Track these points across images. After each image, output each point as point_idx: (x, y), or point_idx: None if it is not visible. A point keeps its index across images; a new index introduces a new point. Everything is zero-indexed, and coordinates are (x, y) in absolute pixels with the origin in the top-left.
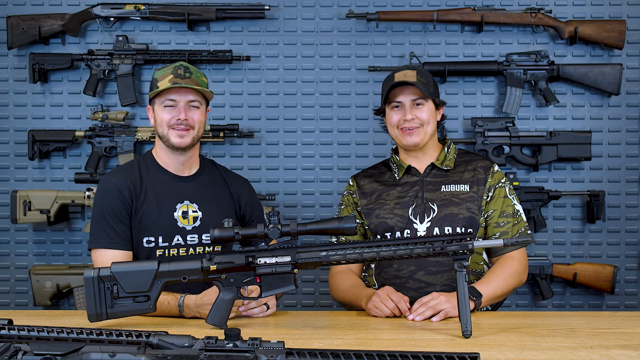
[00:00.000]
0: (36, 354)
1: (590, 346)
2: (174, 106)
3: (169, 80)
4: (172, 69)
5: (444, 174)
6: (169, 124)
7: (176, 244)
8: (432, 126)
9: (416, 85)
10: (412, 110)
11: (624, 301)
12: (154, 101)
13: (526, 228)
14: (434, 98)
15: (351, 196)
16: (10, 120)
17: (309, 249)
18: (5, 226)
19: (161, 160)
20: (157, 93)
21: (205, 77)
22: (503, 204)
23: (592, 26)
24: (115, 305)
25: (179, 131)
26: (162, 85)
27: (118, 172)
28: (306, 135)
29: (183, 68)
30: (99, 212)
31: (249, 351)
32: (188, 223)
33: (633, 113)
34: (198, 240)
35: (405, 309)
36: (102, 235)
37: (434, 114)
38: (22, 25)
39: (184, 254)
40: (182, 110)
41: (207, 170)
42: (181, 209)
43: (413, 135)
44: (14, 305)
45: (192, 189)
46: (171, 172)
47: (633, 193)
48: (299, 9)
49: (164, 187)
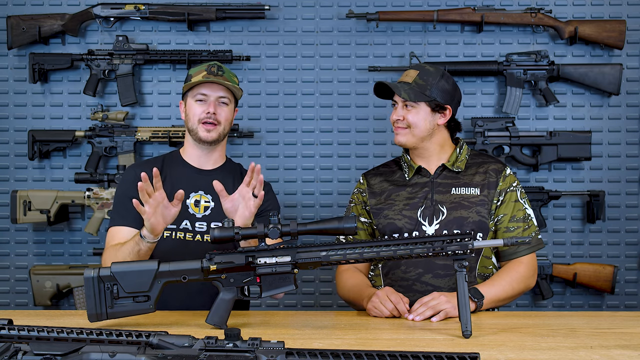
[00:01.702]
0: (36, 354)
1: (590, 346)
2: (205, 100)
3: (202, 76)
4: (207, 67)
5: (454, 176)
6: (199, 118)
7: (183, 228)
8: (422, 128)
9: (397, 89)
10: (401, 111)
11: (624, 301)
12: (186, 95)
13: (537, 233)
14: (427, 100)
15: (361, 194)
16: (10, 120)
17: (309, 249)
18: (5, 226)
19: (187, 155)
20: (190, 87)
21: (236, 77)
22: (514, 209)
23: (592, 26)
24: (115, 305)
25: (207, 125)
26: (194, 80)
27: (141, 163)
28: (306, 135)
29: (217, 66)
30: (116, 197)
31: (249, 351)
32: (199, 211)
33: (633, 113)
34: (206, 228)
35: (404, 310)
36: (117, 216)
37: (426, 117)
38: (22, 25)
39: (190, 239)
40: (212, 105)
41: (229, 168)
42: (194, 197)
43: (399, 135)
44: (14, 305)
45: (208, 182)
46: (193, 166)
47: (633, 193)
48: (299, 9)
49: (182, 178)
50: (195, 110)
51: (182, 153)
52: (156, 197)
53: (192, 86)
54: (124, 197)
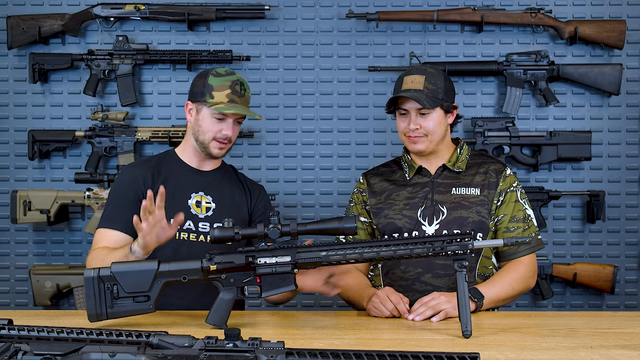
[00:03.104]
0: (36, 354)
1: (590, 346)
2: (223, 120)
3: (226, 95)
4: (231, 83)
5: (455, 176)
6: (214, 137)
7: (187, 229)
8: (439, 133)
9: (418, 99)
10: (417, 119)
11: (624, 301)
12: (201, 104)
13: (537, 233)
14: (442, 104)
15: (360, 194)
16: (10, 120)
17: (309, 249)
18: (5, 226)
19: (185, 155)
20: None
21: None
22: (514, 209)
23: (592, 26)
24: (115, 305)
25: (220, 144)
26: (217, 97)
27: (137, 163)
28: (306, 135)
29: (240, 84)
30: (110, 197)
31: (249, 351)
32: (201, 212)
33: (633, 113)
34: (209, 228)
35: (404, 311)
36: (107, 217)
37: (442, 121)
38: (22, 25)
39: (194, 240)
40: (230, 127)
41: (225, 169)
42: (195, 198)
43: (417, 144)
44: (14, 305)
45: (208, 183)
46: (191, 167)
47: (633, 193)
48: (299, 9)
49: (181, 178)
50: (212, 127)
51: (179, 153)
52: (156, 215)
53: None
54: (117, 199)
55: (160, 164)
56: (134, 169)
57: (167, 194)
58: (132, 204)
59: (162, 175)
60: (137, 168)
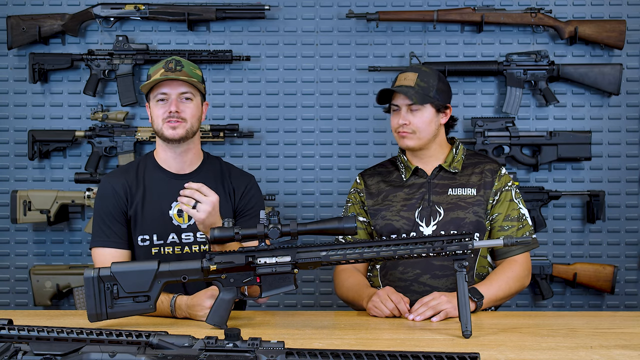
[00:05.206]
0: (36, 354)
1: (590, 346)
2: (166, 100)
3: (160, 74)
4: (164, 63)
5: (451, 177)
6: (162, 119)
7: (171, 242)
8: (428, 131)
9: (407, 93)
10: (407, 115)
11: (624, 301)
12: (149, 98)
13: (531, 232)
14: (432, 102)
15: (358, 194)
16: (10, 120)
17: (309, 249)
18: (5, 226)
19: (160, 159)
20: (150, 88)
21: (199, 70)
22: (508, 208)
23: (592, 26)
24: (115, 305)
25: (172, 123)
26: (153, 78)
27: (116, 173)
28: (306, 135)
29: (175, 62)
30: (96, 213)
31: (249, 351)
32: (183, 221)
33: (633, 113)
34: (193, 238)
35: (405, 310)
36: (100, 235)
37: (432, 119)
38: (22, 25)
39: (179, 252)
40: (174, 103)
41: (207, 167)
42: (176, 207)
43: (406, 139)
44: (14, 305)
45: None
46: (169, 171)
47: (633, 193)
48: (299, 9)
49: (160, 186)
50: (158, 110)
51: (156, 157)
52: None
53: (152, 86)
54: (104, 216)
55: (139, 172)
56: (114, 181)
57: (148, 206)
58: (118, 217)
59: (140, 183)
60: (116, 179)
